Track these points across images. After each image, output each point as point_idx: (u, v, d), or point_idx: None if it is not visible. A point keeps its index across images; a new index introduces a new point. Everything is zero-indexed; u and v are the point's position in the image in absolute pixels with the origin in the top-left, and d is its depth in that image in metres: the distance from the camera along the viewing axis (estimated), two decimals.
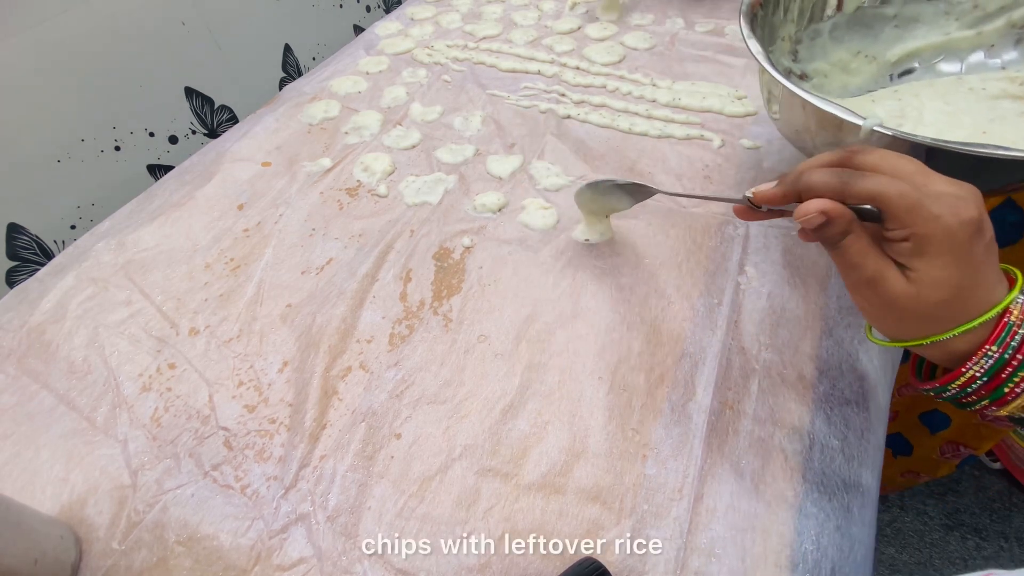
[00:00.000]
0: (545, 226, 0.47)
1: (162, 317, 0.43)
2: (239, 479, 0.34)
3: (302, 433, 0.36)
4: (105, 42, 0.56)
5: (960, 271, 0.24)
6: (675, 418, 0.35)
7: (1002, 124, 0.39)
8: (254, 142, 0.58)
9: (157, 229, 0.50)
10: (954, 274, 0.24)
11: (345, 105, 0.62)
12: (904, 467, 0.84)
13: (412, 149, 0.57)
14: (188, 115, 0.66)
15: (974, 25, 0.46)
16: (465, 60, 0.68)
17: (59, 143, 0.55)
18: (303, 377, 0.39)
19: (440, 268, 0.45)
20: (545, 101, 0.60)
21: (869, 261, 0.26)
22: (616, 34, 0.70)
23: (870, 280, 0.26)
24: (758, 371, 0.37)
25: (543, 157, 0.54)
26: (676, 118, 0.57)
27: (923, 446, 0.79)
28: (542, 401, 0.37)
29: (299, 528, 0.32)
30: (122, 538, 0.32)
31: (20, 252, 0.54)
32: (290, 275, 0.45)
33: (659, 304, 0.41)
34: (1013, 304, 0.25)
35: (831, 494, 0.33)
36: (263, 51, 0.74)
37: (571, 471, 0.33)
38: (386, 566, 0.31)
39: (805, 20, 0.49)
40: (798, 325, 0.40)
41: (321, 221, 0.50)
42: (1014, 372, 0.25)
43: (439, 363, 0.39)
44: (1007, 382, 0.25)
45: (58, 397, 0.39)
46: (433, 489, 0.33)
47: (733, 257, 0.44)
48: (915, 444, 0.80)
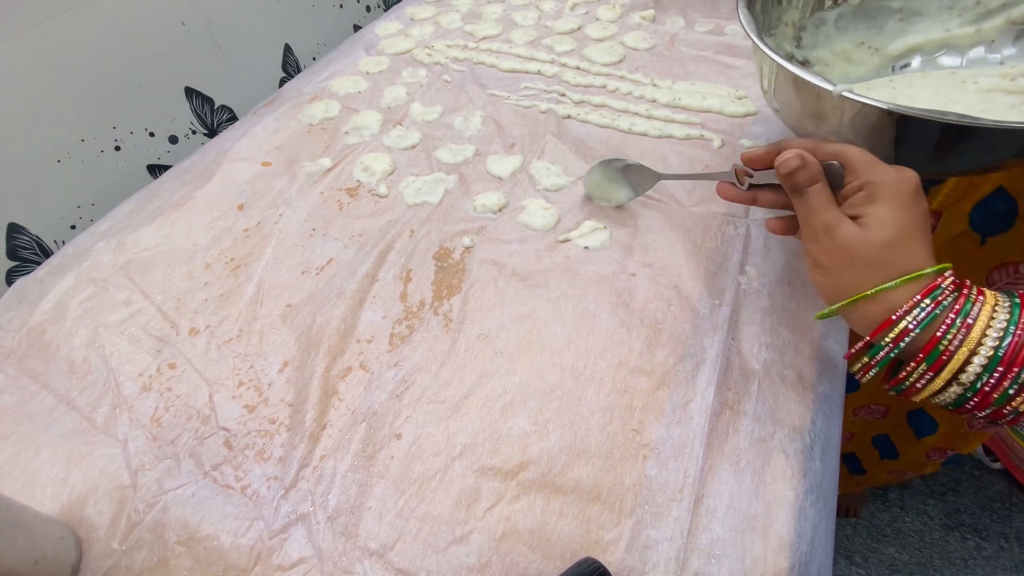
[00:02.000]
0: (545, 226, 0.47)
1: (162, 317, 0.43)
2: (239, 479, 0.34)
3: (302, 433, 0.36)
4: (105, 42, 0.56)
5: (903, 215, 0.29)
6: (676, 418, 0.35)
7: (991, 114, 0.39)
8: (254, 142, 0.58)
9: (157, 229, 0.50)
10: (898, 216, 0.29)
11: (345, 105, 0.62)
12: (890, 467, 0.84)
13: (412, 149, 0.57)
14: (188, 115, 0.66)
15: (975, 21, 0.46)
16: (465, 60, 0.68)
17: (59, 143, 0.55)
18: (303, 377, 0.39)
19: (440, 268, 0.45)
20: (545, 101, 0.60)
21: (829, 208, 0.31)
22: (616, 34, 0.70)
23: (827, 225, 0.31)
24: (758, 371, 0.37)
25: (543, 157, 0.54)
26: (676, 118, 0.57)
27: (908, 452, 0.79)
28: (542, 401, 0.37)
29: (299, 528, 0.32)
30: (122, 538, 0.32)
31: (20, 252, 0.54)
32: (290, 275, 0.45)
33: (659, 305, 0.41)
34: (947, 274, 0.29)
35: (831, 494, 0.33)
36: (263, 51, 0.74)
37: (571, 471, 0.33)
38: (386, 566, 0.31)
39: (810, 8, 0.49)
40: (798, 325, 0.40)
41: (321, 221, 0.50)
42: (947, 331, 0.27)
43: (439, 363, 0.39)
44: (940, 341, 0.27)
45: (58, 397, 0.39)
46: (433, 489, 0.33)
47: (734, 257, 0.44)
48: (901, 451, 0.80)
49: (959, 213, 0.55)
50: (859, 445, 0.85)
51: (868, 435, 0.82)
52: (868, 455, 0.85)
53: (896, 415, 0.75)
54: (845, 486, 0.93)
